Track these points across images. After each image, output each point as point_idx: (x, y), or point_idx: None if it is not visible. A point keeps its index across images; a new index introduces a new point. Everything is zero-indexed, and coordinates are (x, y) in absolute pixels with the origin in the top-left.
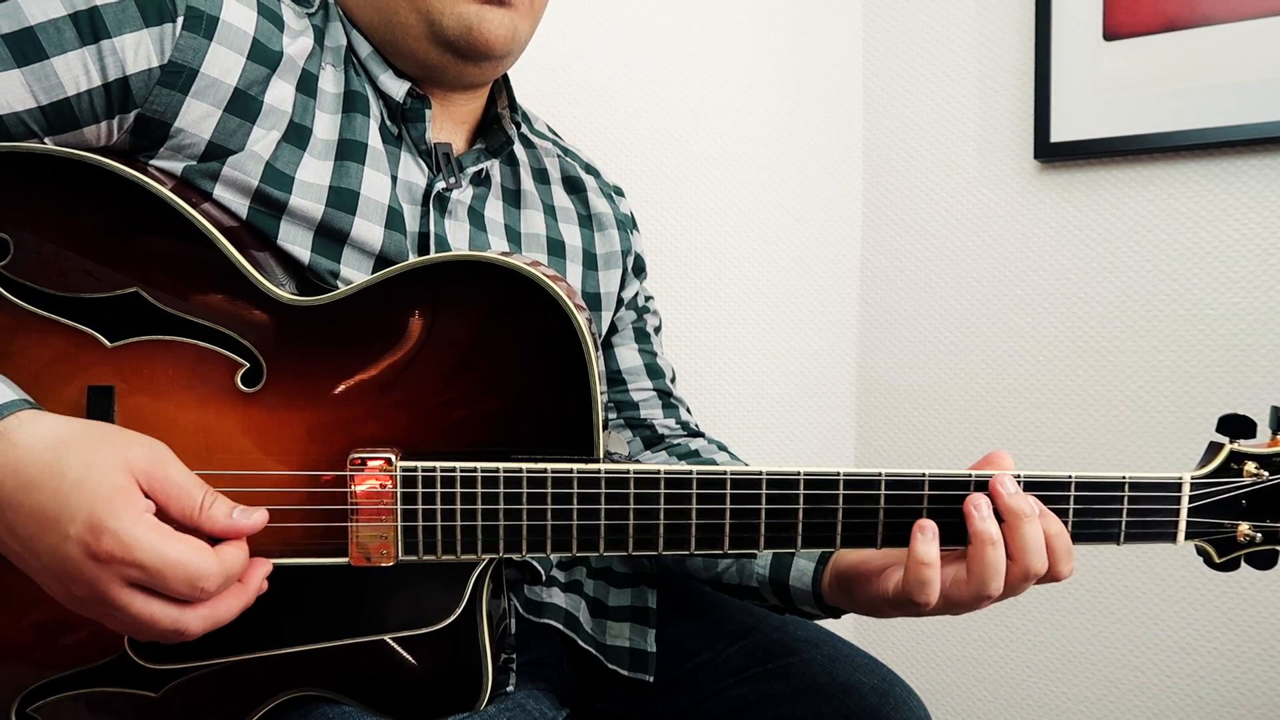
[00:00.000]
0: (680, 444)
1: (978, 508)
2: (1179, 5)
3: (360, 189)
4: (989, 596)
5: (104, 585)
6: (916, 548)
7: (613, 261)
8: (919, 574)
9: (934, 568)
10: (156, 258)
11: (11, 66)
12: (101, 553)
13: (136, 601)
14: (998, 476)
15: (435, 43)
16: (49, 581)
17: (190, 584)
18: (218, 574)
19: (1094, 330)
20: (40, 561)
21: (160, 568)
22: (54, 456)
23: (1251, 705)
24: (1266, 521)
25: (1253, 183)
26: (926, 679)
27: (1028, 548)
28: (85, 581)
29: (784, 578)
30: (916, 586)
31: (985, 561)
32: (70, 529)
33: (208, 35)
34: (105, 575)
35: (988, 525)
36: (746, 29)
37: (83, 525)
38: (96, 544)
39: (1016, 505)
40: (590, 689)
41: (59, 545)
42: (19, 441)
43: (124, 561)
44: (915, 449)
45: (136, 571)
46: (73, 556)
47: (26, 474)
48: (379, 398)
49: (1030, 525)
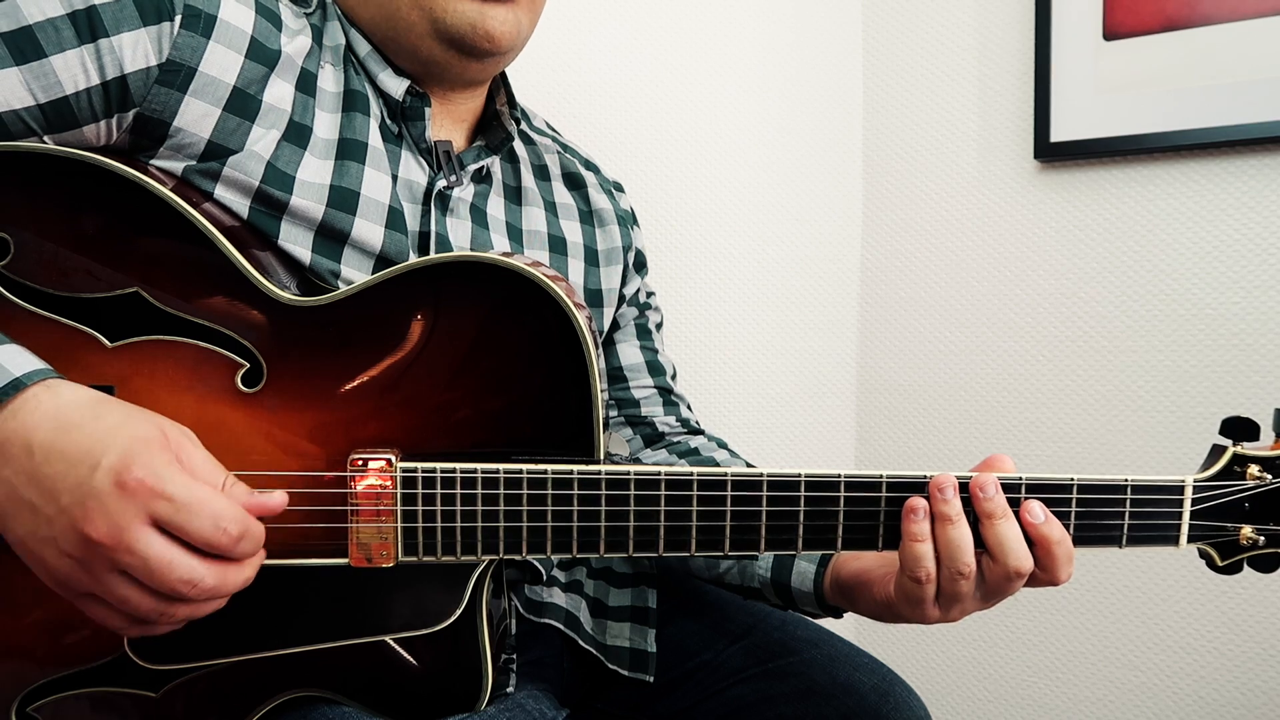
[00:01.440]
0: (680, 442)
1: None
2: (1179, 5)
3: (360, 189)
4: (961, 574)
5: (126, 520)
6: (909, 526)
7: (614, 257)
8: (912, 550)
9: (927, 543)
10: (157, 258)
11: (10, 65)
12: (131, 480)
13: (156, 543)
14: (976, 479)
15: (439, 40)
16: (60, 532)
17: (215, 522)
18: (240, 520)
19: (1094, 330)
20: (57, 504)
21: (188, 500)
22: (95, 405)
23: (1251, 705)
24: (1270, 525)
25: (1253, 183)
26: (926, 679)
27: (1004, 546)
28: (108, 515)
29: (785, 579)
30: (913, 562)
31: (947, 539)
32: (104, 459)
33: (206, 34)
34: (130, 508)
35: (948, 507)
36: (746, 29)
37: (117, 455)
38: (127, 472)
39: (989, 508)
40: (590, 689)
41: (88, 477)
42: (63, 394)
43: (153, 491)
44: (915, 449)
45: (164, 504)
46: (100, 487)
47: (67, 417)
48: (379, 398)
49: (1003, 524)
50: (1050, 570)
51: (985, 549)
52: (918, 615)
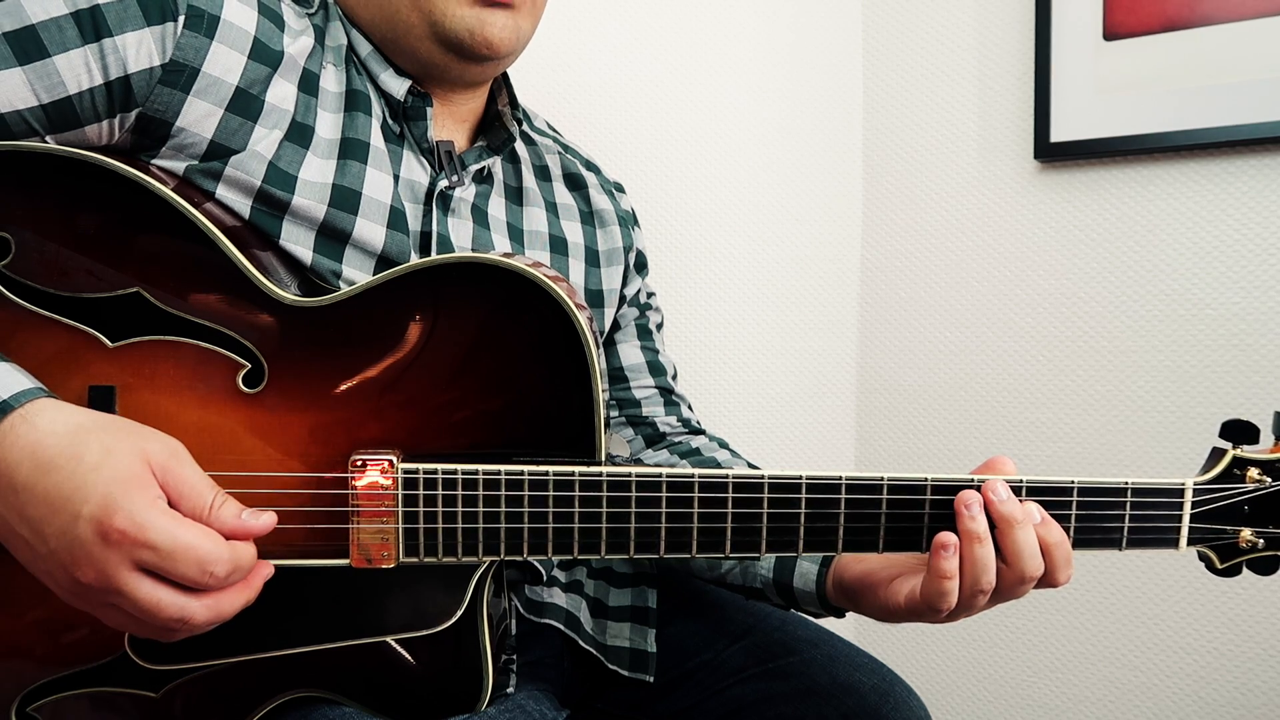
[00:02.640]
0: (682, 442)
1: (968, 507)
2: (1179, 5)
3: (362, 189)
4: (983, 592)
5: (112, 568)
6: (939, 564)
7: (615, 258)
8: (940, 586)
9: (954, 580)
10: (158, 258)
11: (13, 65)
12: (114, 532)
13: (144, 587)
14: (989, 483)
15: (438, 43)
16: (53, 569)
17: (200, 567)
18: (227, 560)
19: (1094, 330)
20: (47, 546)
21: (172, 549)
22: (73, 440)
23: (1251, 705)
24: (1269, 528)
25: (1253, 183)
26: (926, 679)
27: (1021, 553)
28: (93, 564)
29: (788, 579)
30: (938, 597)
31: (974, 559)
32: (84, 509)
33: (209, 34)
34: (114, 557)
35: (977, 524)
36: (746, 29)
37: (97, 505)
38: (109, 522)
39: (1008, 512)
40: (590, 689)
41: (70, 526)
42: (40, 425)
43: (135, 541)
44: (915, 449)
45: (148, 552)
46: (83, 537)
47: (45, 455)
48: (380, 399)
49: (1022, 531)
50: (1050, 573)
51: (1001, 555)
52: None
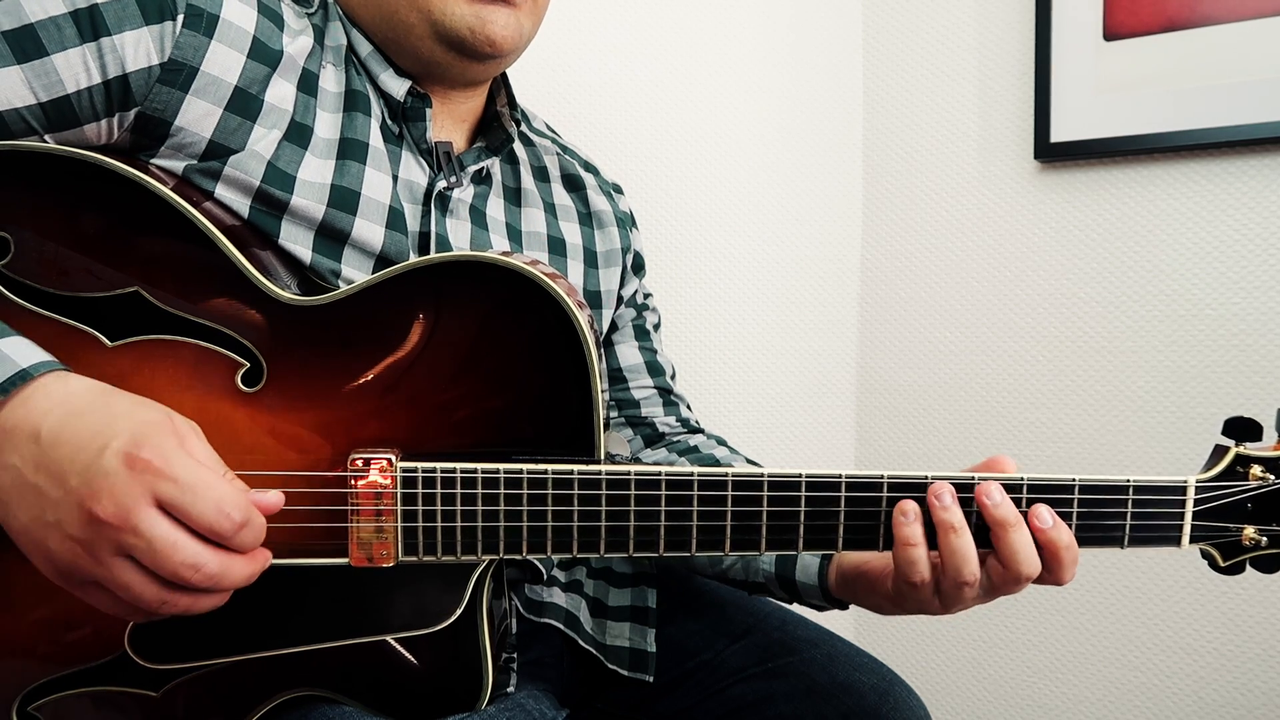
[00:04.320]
0: (680, 441)
1: (939, 497)
2: (1179, 5)
3: (361, 189)
4: (967, 584)
5: (132, 499)
6: (899, 530)
7: (613, 259)
8: (905, 554)
9: (920, 547)
10: (157, 257)
11: (11, 63)
12: (140, 460)
13: (162, 525)
14: (983, 485)
15: (439, 41)
16: (65, 516)
17: (218, 506)
18: (244, 506)
19: (1094, 330)
20: (65, 487)
21: (194, 482)
22: (104, 394)
23: (1251, 705)
24: (1272, 525)
25: (1253, 183)
26: (926, 679)
27: (1016, 554)
28: (114, 494)
29: (790, 573)
30: (906, 566)
31: (951, 549)
32: (113, 441)
33: (208, 33)
34: (137, 487)
35: (950, 514)
36: (746, 29)
37: (128, 437)
38: (137, 452)
39: (1002, 515)
40: (590, 689)
41: (96, 459)
42: (71, 381)
43: (159, 471)
44: (915, 449)
45: (169, 485)
46: (109, 466)
47: (76, 404)
48: (379, 398)
49: (1016, 533)
50: (1055, 573)
51: (996, 555)
52: (920, 609)
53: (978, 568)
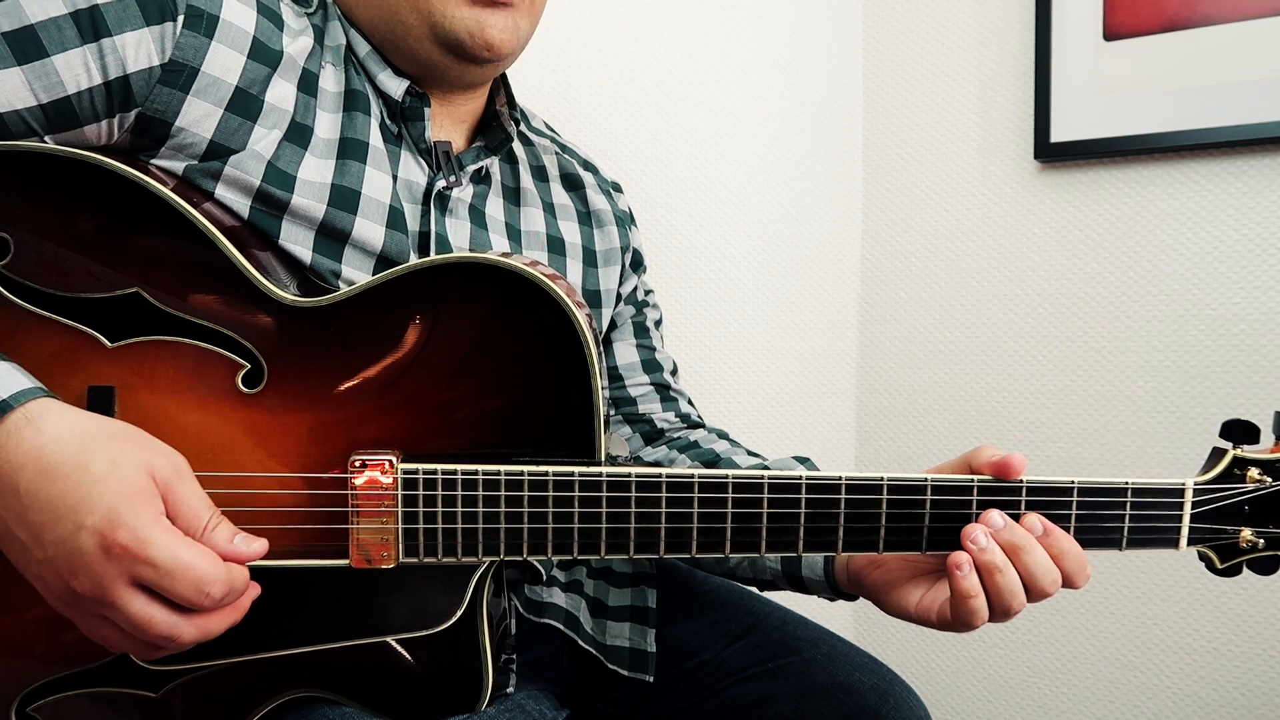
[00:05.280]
0: (680, 437)
1: (974, 541)
2: (1179, 5)
3: (361, 188)
4: (1016, 612)
5: (109, 580)
6: (960, 584)
7: (612, 258)
8: (967, 606)
9: (980, 597)
10: (157, 258)
11: (12, 64)
12: (116, 546)
13: (137, 603)
14: (984, 515)
15: (437, 44)
16: (47, 575)
17: (197, 587)
18: (223, 582)
19: (1094, 330)
20: (45, 552)
21: (171, 567)
22: (80, 448)
23: (1251, 705)
24: (1269, 527)
25: (1253, 183)
26: (926, 679)
27: (1035, 574)
28: (91, 575)
29: (796, 570)
30: (969, 615)
31: (998, 588)
32: (87, 520)
33: (208, 34)
34: (113, 570)
35: (990, 555)
36: (746, 29)
37: (101, 517)
38: (112, 536)
39: (1007, 540)
40: (590, 689)
41: (71, 535)
42: (45, 429)
43: (136, 557)
44: (915, 449)
45: (147, 569)
46: (84, 547)
47: (50, 462)
48: (380, 399)
49: (1030, 555)
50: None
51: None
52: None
53: (1024, 597)
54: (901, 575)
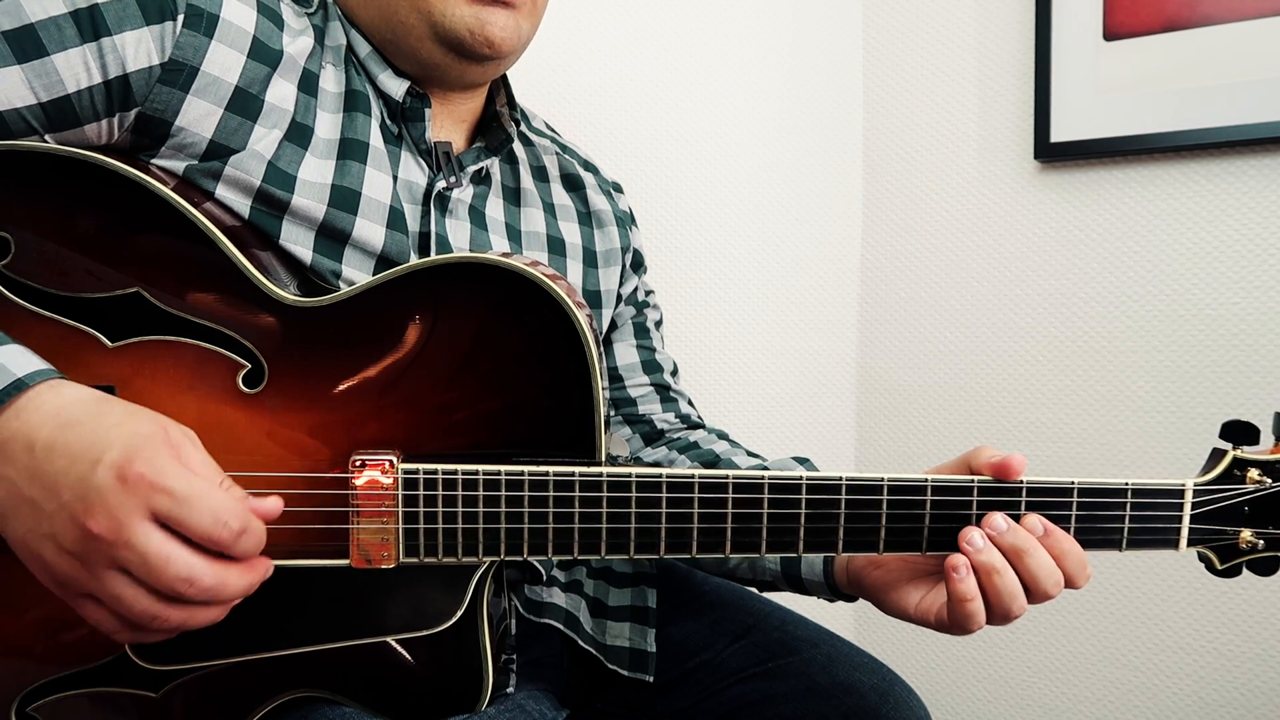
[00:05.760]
0: (680, 437)
1: (970, 543)
2: (1179, 5)
3: (362, 189)
4: (1015, 615)
5: (126, 513)
6: (957, 588)
7: (612, 258)
8: (964, 610)
9: (977, 600)
10: (158, 258)
11: (12, 63)
12: (133, 474)
13: (155, 538)
14: (986, 518)
15: (438, 43)
16: (59, 528)
17: (214, 515)
18: (241, 514)
19: (1094, 330)
20: (59, 500)
21: (188, 494)
22: (98, 403)
23: (1251, 705)
24: (1269, 528)
25: (1253, 183)
26: (926, 679)
27: (1037, 576)
28: (107, 509)
29: (795, 570)
30: (966, 619)
31: (997, 589)
32: (106, 455)
33: (208, 33)
34: (130, 501)
35: (987, 556)
36: (746, 29)
37: (119, 451)
38: (129, 466)
39: (1010, 544)
40: (590, 689)
41: (89, 473)
42: (65, 391)
43: (153, 485)
44: (915, 449)
45: (164, 497)
46: (101, 481)
47: (69, 415)
48: (380, 399)
49: (1033, 558)
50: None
51: (1019, 580)
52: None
53: (1024, 599)
54: (901, 576)
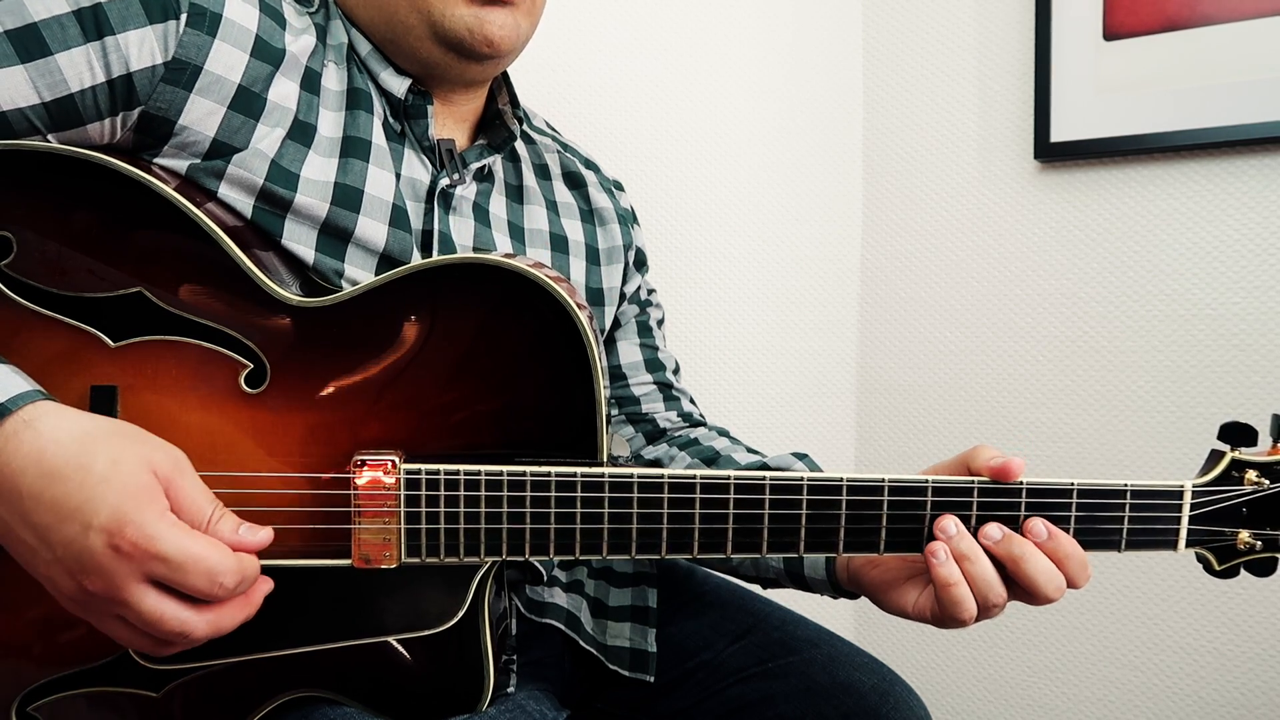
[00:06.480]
0: (682, 435)
1: (944, 530)
2: (1179, 5)
3: (365, 186)
4: (996, 605)
5: (120, 579)
6: (938, 572)
7: (615, 256)
8: (950, 595)
9: (961, 585)
10: (160, 257)
11: (15, 62)
12: (125, 544)
13: (149, 598)
14: (984, 530)
15: (437, 42)
16: (57, 575)
17: (209, 577)
18: (235, 571)
19: (1094, 330)
20: (53, 553)
21: (182, 560)
22: (80, 449)
23: (1251, 705)
24: (1266, 529)
25: (1253, 183)
26: (926, 679)
27: (1036, 583)
28: (102, 574)
29: (798, 568)
30: (953, 606)
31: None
32: (95, 520)
33: (211, 32)
34: (124, 569)
35: (958, 542)
36: (746, 29)
37: (108, 517)
38: (120, 535)
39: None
40: (591, 689)
41: (79, 537)
42: (44, 431)
43: (147, 553)
44: (915, 449)
45: (158, 564)
46: (93, 548)
47: (51, 464)
48: (382, 399)
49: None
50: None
51: (1018, 586)
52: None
53: (1003, 589)
54: (900, 575)
